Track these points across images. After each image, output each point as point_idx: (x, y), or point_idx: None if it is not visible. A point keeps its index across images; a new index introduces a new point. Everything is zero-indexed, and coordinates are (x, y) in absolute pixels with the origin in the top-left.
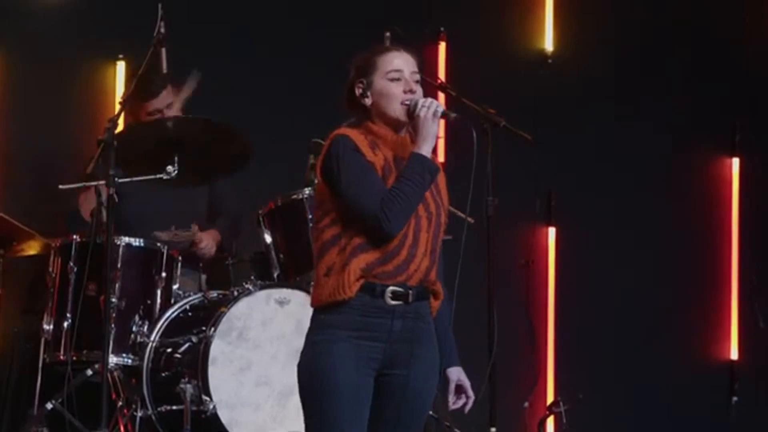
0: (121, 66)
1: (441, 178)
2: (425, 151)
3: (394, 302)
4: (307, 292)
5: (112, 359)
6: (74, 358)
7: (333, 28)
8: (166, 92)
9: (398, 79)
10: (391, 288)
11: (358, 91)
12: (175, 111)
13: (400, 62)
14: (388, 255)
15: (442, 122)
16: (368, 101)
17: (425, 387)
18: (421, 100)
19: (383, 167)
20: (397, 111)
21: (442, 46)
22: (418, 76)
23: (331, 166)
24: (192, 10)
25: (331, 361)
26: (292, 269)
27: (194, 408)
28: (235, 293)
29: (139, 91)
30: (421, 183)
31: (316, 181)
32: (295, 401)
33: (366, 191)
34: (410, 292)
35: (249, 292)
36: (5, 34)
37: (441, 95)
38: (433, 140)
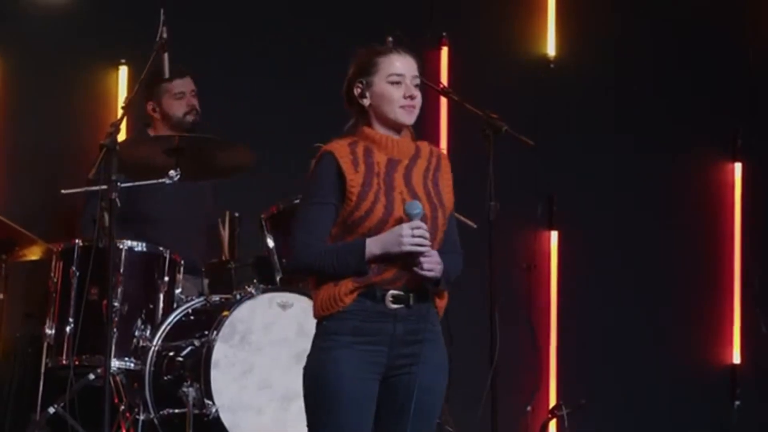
0: (123, 71)
1: (445, 179)
2: (370, 250)
3: (395, 306)
4: (309, 296)
5: (115, 363)
6: (76, 363)
7: (334, 33)
8: (189, 78)
9: (399, 83)
10: (391, 292)
11: (356, 91)
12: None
13: (401, 66)
14: (384, 265)
15: (444, 127)
16: (367, 102)
17: (432, 386)
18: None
19: (374, 173)
20: (397, 114)
21: (444, 51)
22: (418, 81)
23: (307, 184)
24: (192, 11)
25: (333, 368)
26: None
27: (196, 412)
28: (238, 297)
29: (160, 74)
30: (343, 267)
31: None
32: (298, 405)
33: (306, 228)
34: (411, 295)
35: (251, 296)
36: (6, 39)
37: (443, 100)
38: (384, 251)
